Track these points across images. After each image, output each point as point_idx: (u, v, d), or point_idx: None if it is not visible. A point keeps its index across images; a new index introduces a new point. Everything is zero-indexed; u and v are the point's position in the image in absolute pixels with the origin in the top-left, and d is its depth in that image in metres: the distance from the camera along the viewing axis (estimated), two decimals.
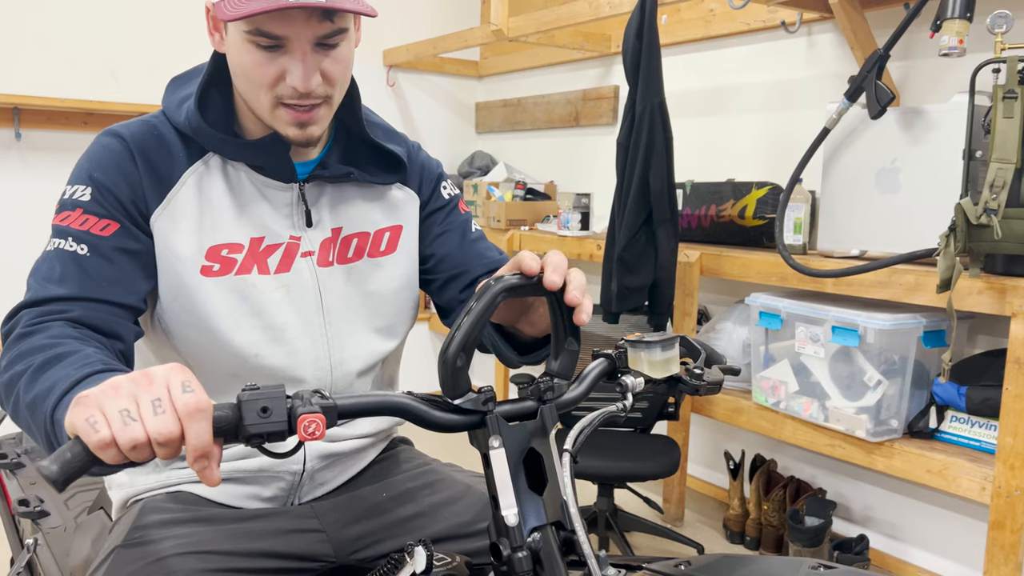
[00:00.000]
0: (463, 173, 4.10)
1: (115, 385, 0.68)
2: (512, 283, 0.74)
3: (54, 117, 3.28)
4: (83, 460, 0.59)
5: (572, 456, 0.73)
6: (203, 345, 1.08)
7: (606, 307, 2.64)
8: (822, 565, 0.70)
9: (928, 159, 2.14)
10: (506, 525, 0.72)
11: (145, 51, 3.43)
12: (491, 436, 0.73)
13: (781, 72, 2.83)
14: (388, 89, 4.07)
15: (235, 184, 1.10)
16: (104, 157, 1.06)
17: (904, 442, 2.14)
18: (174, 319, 1.07)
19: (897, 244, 2.15)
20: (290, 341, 1.11)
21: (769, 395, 2.43)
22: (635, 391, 0.81)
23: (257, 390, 0.66)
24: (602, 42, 3.46)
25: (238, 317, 1.08)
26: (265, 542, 1.04)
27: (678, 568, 0.74)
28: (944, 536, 2.44)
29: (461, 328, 0.72)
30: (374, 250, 1.19)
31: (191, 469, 1.09)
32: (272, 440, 0.66)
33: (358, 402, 0.70)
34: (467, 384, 0.74)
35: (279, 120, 1.05)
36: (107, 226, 1.02)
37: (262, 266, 1.10)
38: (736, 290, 2.94)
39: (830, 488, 2.69)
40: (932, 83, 2.41)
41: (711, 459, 3.14)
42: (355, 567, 1.07)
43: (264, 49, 1.00)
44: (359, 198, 1.19)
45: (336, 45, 1.03)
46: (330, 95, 1.06)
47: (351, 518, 1.11)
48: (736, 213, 2.70)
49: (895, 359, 2.16)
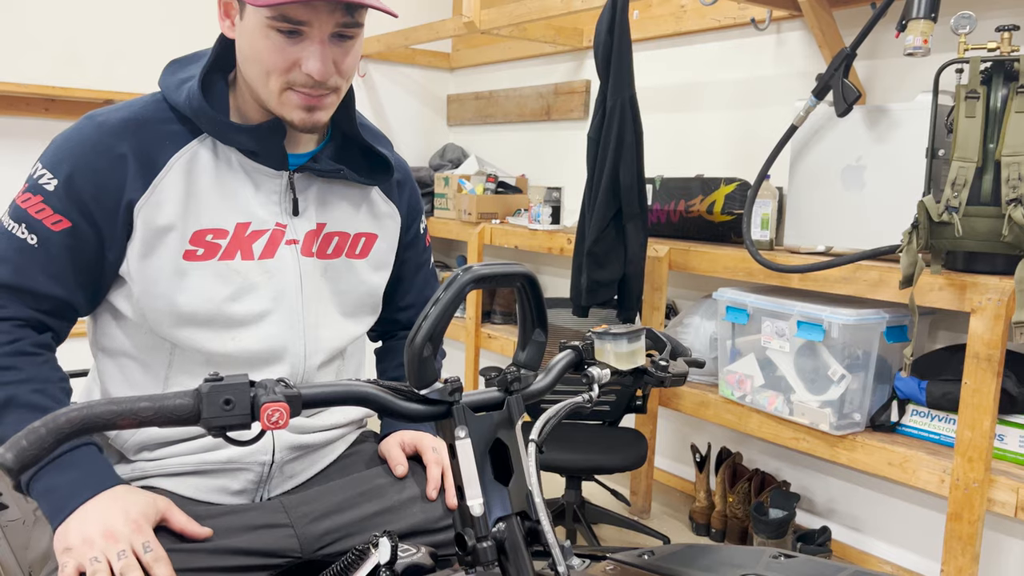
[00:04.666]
0: (434, 166, 4.09)
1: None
2: (480, 274, 0.74)
3: (14, 103, 3.20)
4: (40, 449, 0.58)
5: (538, 446, 0.73)
6: (182, 329, 1.09)
7: (576, 301, 2.65)
8: (783, 554, 0.71)
9: (892, 157, 2.17)
10: (471, 515, 0.72)
11: (108, 36, 3.36)
12: (457, 426, 0.73)
13: (750, 69, 2.86)
14: (359, 80, 4.04)
15: (224, 168, 1.11)
16: (83, 149, 1.06)
17: (866, 435, 2.18)
18: (154, 303, 1.08)
19: (862, 240, 2.19)
20: (269, 326, 1.13)
21: (735, 389, 2.45)
22: (601, 382, 0.82)
23: (220, 381, 0.65)
24: (574, 36, 3.47)
25: (219, 302, 1.09)
26: (231, 538, 1.04)
27: (642, 558, 0.75)
28: (904, 527, 2.49)
29: (428, 318, 0.72)
30: (351, 251, 1.22)
31: (159, 462, 1.10)
32: (235, 430, 0.65)
33: (323, 391, 0.70)
34: (434, 374, 0.74)
35: (286, 104, 1.07)
36: (59, 222, 1.05)
37: (246, 252, 1.12)
38: (704, 285, 2.97)
39: (794, 481, 2.73)
40: (897, 82, 2.45)
41: (678, 452, 3.17)
42: (320, 563, 1.07)
43: (283, 35, 1.02)
44: (344, 199, 1.22)
45: (351, 37, 1.07)
46: (339, 86, 1.09)
47: (319, 513, 1.11)
48: (705, 208, 2.73)
49: (859, 354, 2.19)
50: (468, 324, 3.50)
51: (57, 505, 0.96)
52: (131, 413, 0.62)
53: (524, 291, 0.78)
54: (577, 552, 0.79)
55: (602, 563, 0.76)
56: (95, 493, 0.97)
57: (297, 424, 1.18)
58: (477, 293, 3.47)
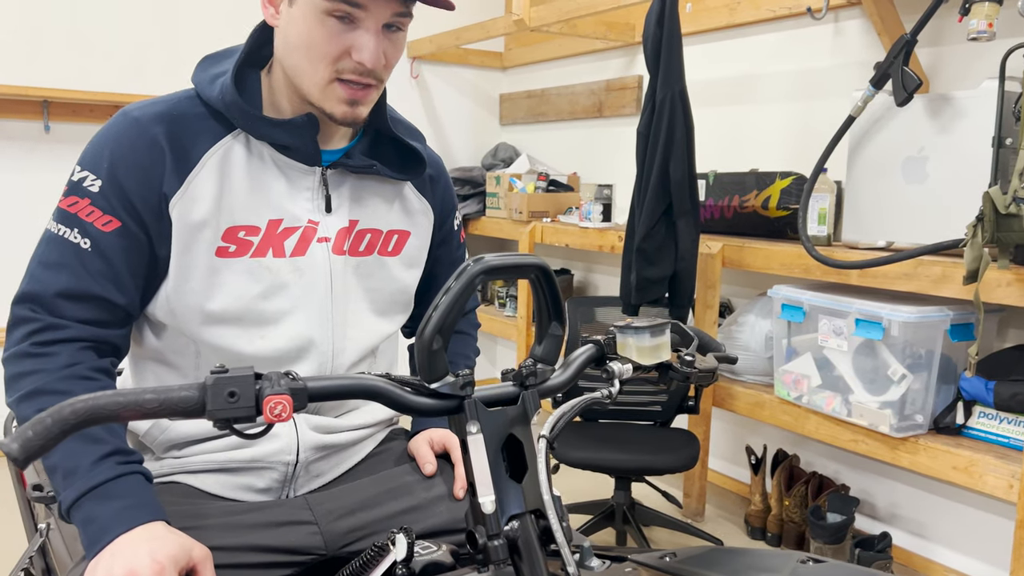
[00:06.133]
0: (486, 165, 4.09)
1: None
2: (492, 264, 0.72)
3: (80, 110, 3.32)
4: (45, 439, 0.58)
5: (549, 442, 0.71)
6: (210, 327, 1.08)
7: (625, 299, 2.61)
8: (811, 559, 0.68)
9: (956, 147, 2.08)
10: (483, 513, 0.70)
11: (171, 43, 3.46)
12: (468, 421, 0.71)
13: (806, 60, 2.77)
14: (412, 81, 4.06)
15: (257, 164, 1.11)
16: (121, 146, 1.05)
17: (929, 438, 2.09)
18: (185, 300, 1.08)
19: (924, 235, 2.09)
20: (298, 324, 1.12)
21: (791, 389, 2.38)
22: (623, 378, 0.79)
23: (226, 373, 0.65)
24: (626, 31, 3.42)
25: (249, 299, 1.09)
26: (255, 535, 1.04)
27: (663, 560, 0.72)
28: (970, 534, 2.38)
29: (438, 308, 0.70)
30: (383, 249, 1.21)
31: (186, 459, 1.11)
32: (240, 423, 0.65)
33: (330, 384, 0.69)
34: (444, 368, 0.72)
35: (330, 96, 1.06)
36: (109, 222, 1.04)
37: (278, 249, 1.11)
38: (759, 282, 2.89)
39: (853, 484, 2.63)
40: (961, 69, 2.34)
41: (733, 453, 3.09)
42: (345, 560, 1.06)
43: (338, 20, 1.02)
44: (377, 195, 1.21)
45: (400, 29, 1.07)
46: (383, 79, 1.09)
47: (344, 510, 1.10)
48: (759, 204, 2.65)
49: (921, 353, 2.10)
50: (520, 323, 3.49)
51: (93, 537, 0.93)
52: (136, 405, 0.62)
53: (538, 283, 0.76)
54: (598, 553, 0.77)
55: (622, 564, 0.74)
56: (129, 528, 0.93)
57: (323, 424, 1.18)
58: (527, 291, 3.45)
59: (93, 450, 0.96)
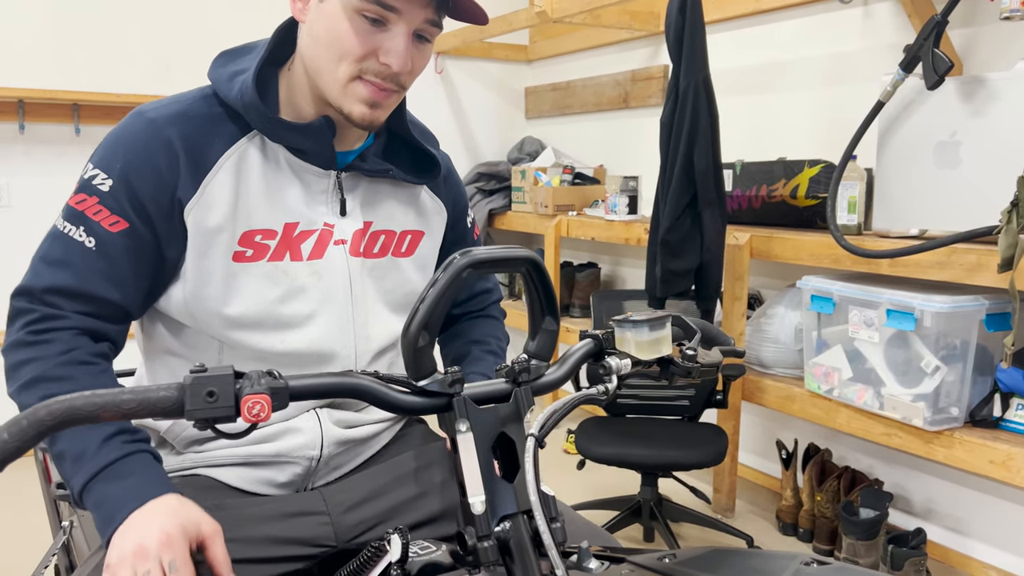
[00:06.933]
0: (512, 159, 4.06)
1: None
2: (479, 257, 0.70)
3: (111, 112, 3.36)
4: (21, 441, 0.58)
5: (537, 440, 0.69)
6: (231, 331, 1.08)
7: (651, 292, 2.58)
8: (815, 560, 0.64)
9: (990, 131, 2.00)
10: (472, 513, 0.68)
11: (199, 44, 3.48)
12: (458, 420, 0.69)
13: (834, 45, 2.70)
14: (437, 77, 4.05)
15: (273, 167, 1.10)
16: (135, 147, 1.04)
17: (965, 431, 2.02)
18: (203, 305, 1.07)
19: (958, 222, 2.03)
20: (318, 328, 1.12)
21: (822, 382, 2.32)
22: (620, 373, 0.76)
23: (204, 372, 0.64)
24: (650, 20, 3.37)
25: (268, 304, 1.08)
26: (267, 528, 1.03)
27: (662, 562, 0.70)
28: (1009, 529, 2.30)
29: (424, 302, 0.68)
30: (396, 250, 1.20)
31: (207, 454, 1.11)
32: (220, 423, 0.63)
33: (313, 383, 0.67)
34: (431, 365, 0.70)
35: (351, 95, 1.04)
36: (116, 223, 1.03)
37: (295, 252, 1.10)
38: (788, 273, 2.83)
39: (887, 479, 2.57)
40: (994, 50, 2.26)
41: (763, 448, 3.04)
42: (354, 552, 1.05)
43: (369, 21, 1.01)
44: (391, 197, 1.20)
45: (428, 40, 1.06)
46: (405, 86, 1.07)
47: (354, 501, 1.10)
48: (788, 193, 2.60)
49: (955, 344, 2.03)
50: None
51: (107, 518, 0.93)
52: (114, 405, 0.61)
53: (529, 276, 0.74)
54: (596, 554, 0.74)
55: (620, 566, 0.71)
56: (141, 503, 0.92)
57: (346, 418, 1.17)
58: (555, 285, 3.42)
59: (98, 431, 0.96)
